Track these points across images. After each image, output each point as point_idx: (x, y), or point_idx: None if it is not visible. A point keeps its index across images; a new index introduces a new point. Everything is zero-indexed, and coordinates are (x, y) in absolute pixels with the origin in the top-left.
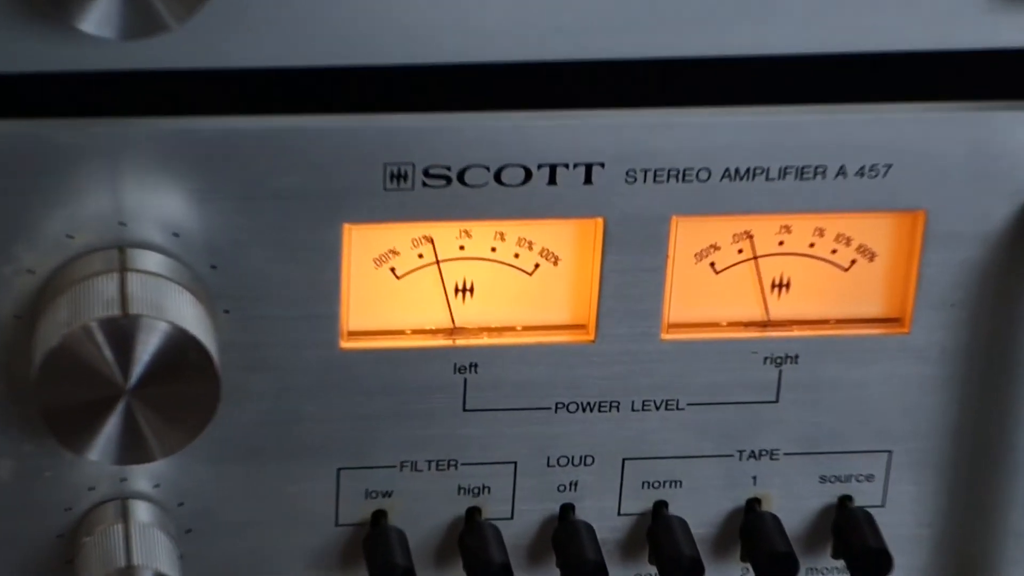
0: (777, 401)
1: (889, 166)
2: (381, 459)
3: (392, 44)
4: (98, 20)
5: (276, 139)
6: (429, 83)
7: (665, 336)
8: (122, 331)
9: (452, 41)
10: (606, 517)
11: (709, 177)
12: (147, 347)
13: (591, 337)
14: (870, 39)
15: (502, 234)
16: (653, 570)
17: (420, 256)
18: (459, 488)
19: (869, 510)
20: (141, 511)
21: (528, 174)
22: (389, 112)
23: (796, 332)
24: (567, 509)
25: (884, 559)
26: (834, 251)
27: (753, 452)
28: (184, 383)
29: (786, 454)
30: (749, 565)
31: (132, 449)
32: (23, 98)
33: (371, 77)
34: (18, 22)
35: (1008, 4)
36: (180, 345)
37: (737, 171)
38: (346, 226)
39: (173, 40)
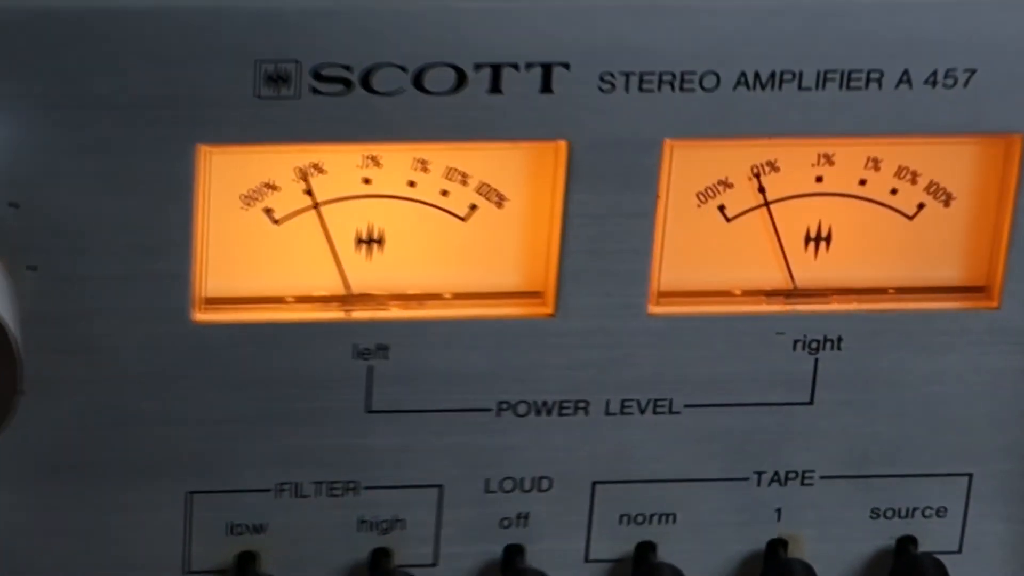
0: (811, 403)
1: (972, 72)
2: (250, 480)
3: None
4: None
5: (102, 24)
6: None
7: (654, 309)
8: None
9: None
10: (569, 564)
11: (717, 85)
12: None
13: (549, 310)
14: None
15: (424, 163)
16: None
17: (307, 193)
18: (361, 521)
19: (940, 557)
20: None
21: (461, 77)
22: None
23: (838, 305)
24: (514, 552)
25: None
26: (894, 191)
27: (777, 475)
28: None
29: (824, 477)
30: None
31: None
32: None
33: None
34: None
35: None
36: None
37: (757, 76)
38: (202, 148)
39: None
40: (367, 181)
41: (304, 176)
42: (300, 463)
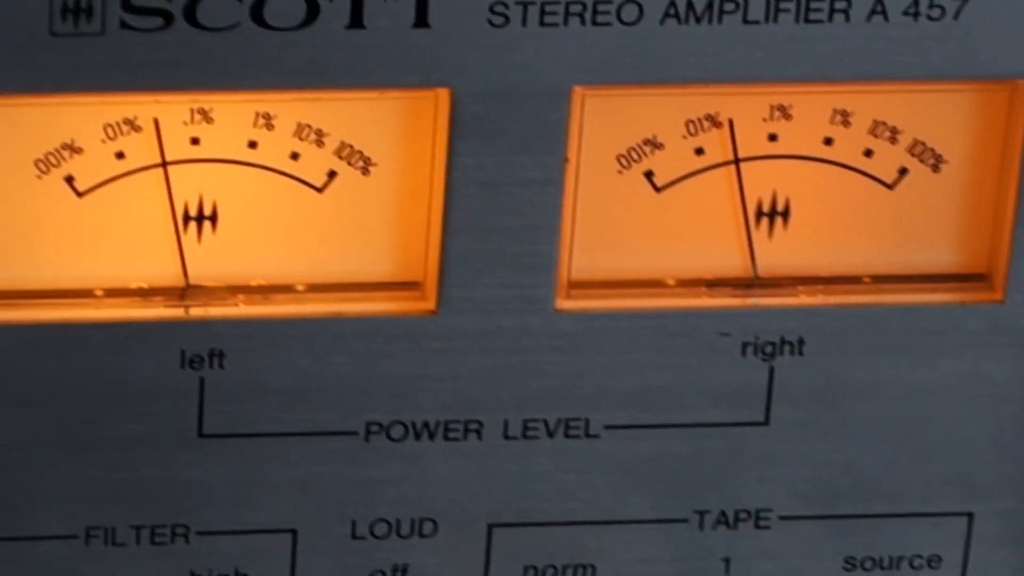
0: (766, 422)
1: (963, 2)
2: (51, 524)
3: None
4: None
5: None
6: None
7: (563, 304)
8: None
9: None
10: None
11: (640, 17)
12: None
13: (430, 305)
14: None
15: (268, 118)
16: None
17: (120, 156)
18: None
19: None
20: None
21: (313, 8)
22: None
23: (801, 299)
24: None
25: None
26: (868, 153)
27: (725, 515)
28: None
29: (783, 518)
30: None
31: None
32: None
33: None
34: None
35: None
36: None
37: (691, 6)
38: None
39: None
40: (195, 141)
41: (116, 134)
42: (115, 501)
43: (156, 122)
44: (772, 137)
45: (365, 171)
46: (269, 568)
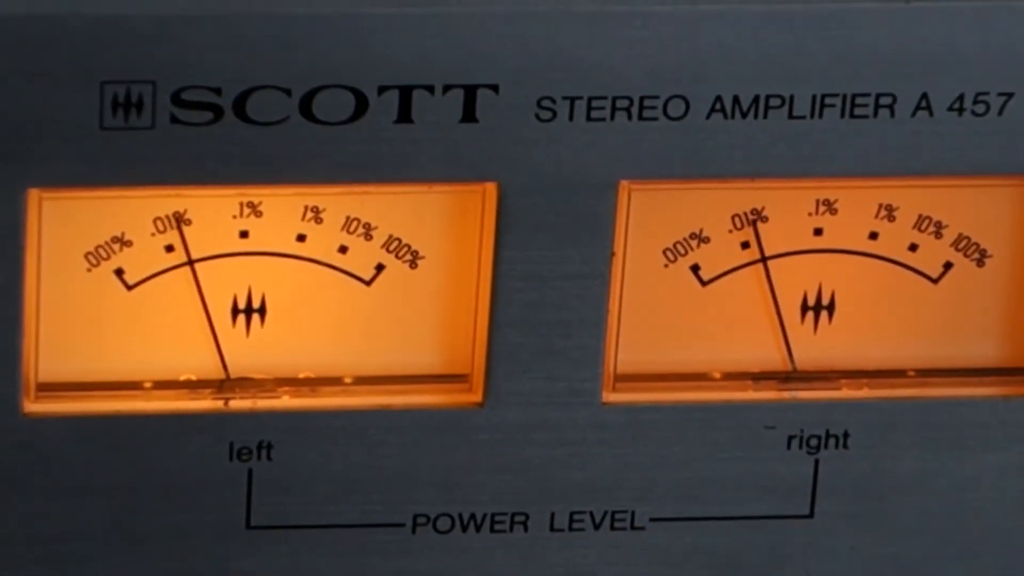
0: (811, 515)
1: (1008, 96)
2: None
3: None
4: None
5: None
6: None
7: (609, 397)
8: None
9: None
10: None
11: (686, 112)
12: None
13: (477, 397)
14: None
15: (317, 211)
16: None
17: (170, 249)
18: None
19: None
20: None
21: (362, 103)
22: None
23: (846, 392)
24: None
25: None
26: (913, 247)
27: None
28: None
29: None
30: None
31: None
32: None
33: None
34: None
35: None
36: None
37: (737, 101)
38: (33, 193)
39: None
40: (245, 235)
41: (165, 227)
42: None
43: (205, 216)
44: (818, 231)
45: (413, 264)
46: None
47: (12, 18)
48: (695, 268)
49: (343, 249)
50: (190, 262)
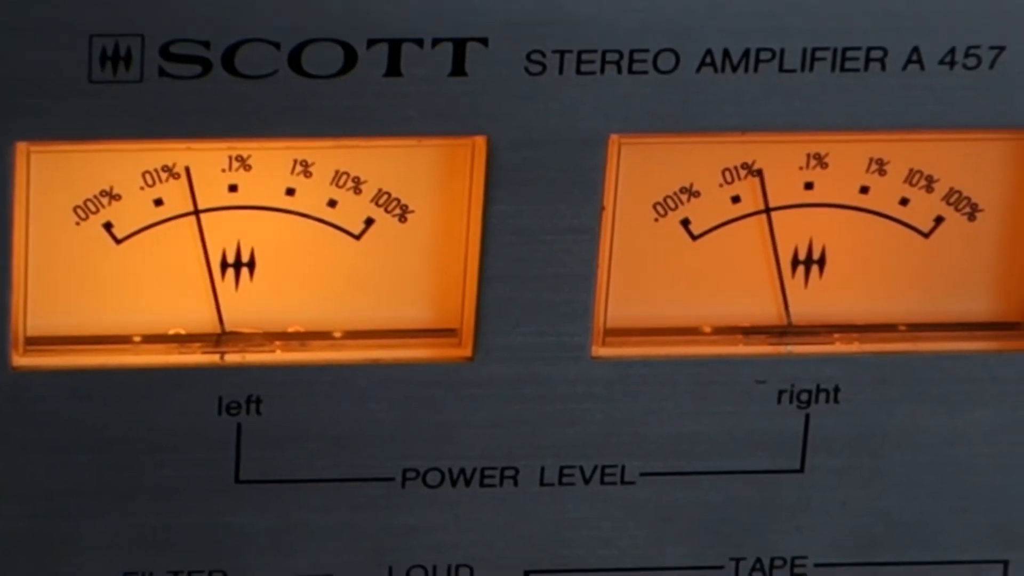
0: (802, 470)
1: (999, 49)
2: (89, 569)
3: None
4: None
5: None
6: None
7: (599, 351)
8: None
9: None
10: None
11: (676, 65)
12: None
13: (467, 352)
14: None
15: (306, 165)
16: None
17: (159, 203)
18: None
19: None
20: None
21: (351, 56)
22: None
23: (837, 346)
24: None
25: None
26: (904, 201)
27: (760, 562)
28: None
29: (819, 565)
30: None
31: None
32: None
33: None
34: None
35: None
36: None
37: (727, 55)
38: (20, 146)
39: None
40: (234, 188)
41: (154, 181)
42: (152, 547)
43: (194, 169)
44: (808, 185)
45: (402, 218)
46: None
47: None
48: (685, 222)
49: (332, 203)
50: (177, 216)
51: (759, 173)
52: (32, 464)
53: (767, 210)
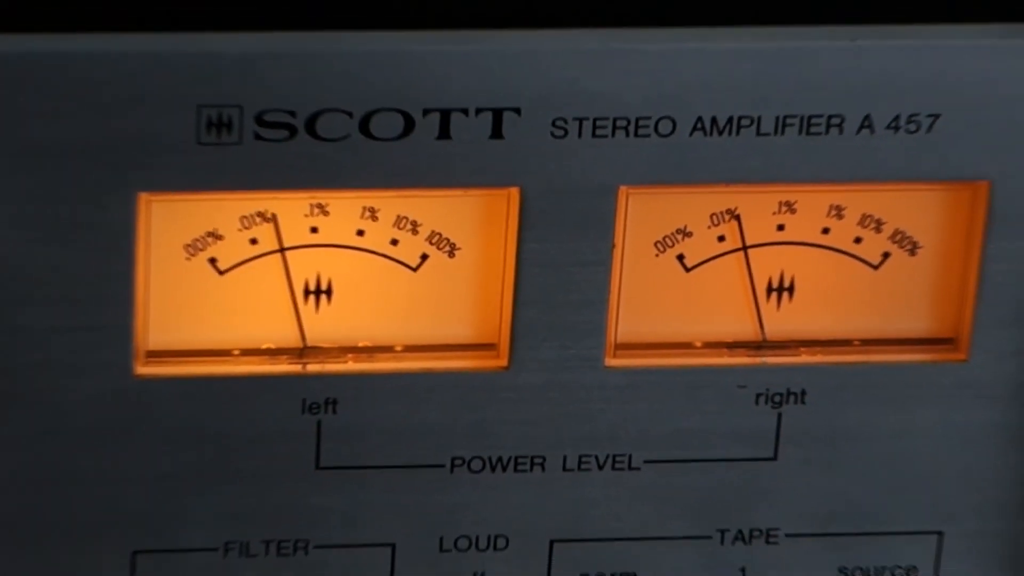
0: (775, 458)
1: (935, 117)
2: (196, 539)
3: None
4: None
5: (39, 67)
6: None
7: (611, 362)
8: None
9: None
10: None
11: (673, 130)
12: None
13: (503, 362)
14: None
15: (373, 211)
16: None
17: (253, 242)
18: None
19: None
20: None
21: (409, 123)
22: (205, 31)
23: (803, 358)
24: None
25: None
26: (858, 240)
27: (741, 533)
28: None
29: (789, 535)
30: None
31: None
32: None
33: None
34: None
35: None
36: None
37: (714, 122)
38: (143, 197)
39: None
40: (314, 230)
41: (250, 224)
42: (248, 521)
43: (282, 214)
44: (780, 227)
45: (451, 254)
46: (374, 574)
47: (128, 54)
48: (680, 257)
49: (394, 242)
50: (269, 253)
51: (739, 217)
52: (151, 454)
53: (744, 248)
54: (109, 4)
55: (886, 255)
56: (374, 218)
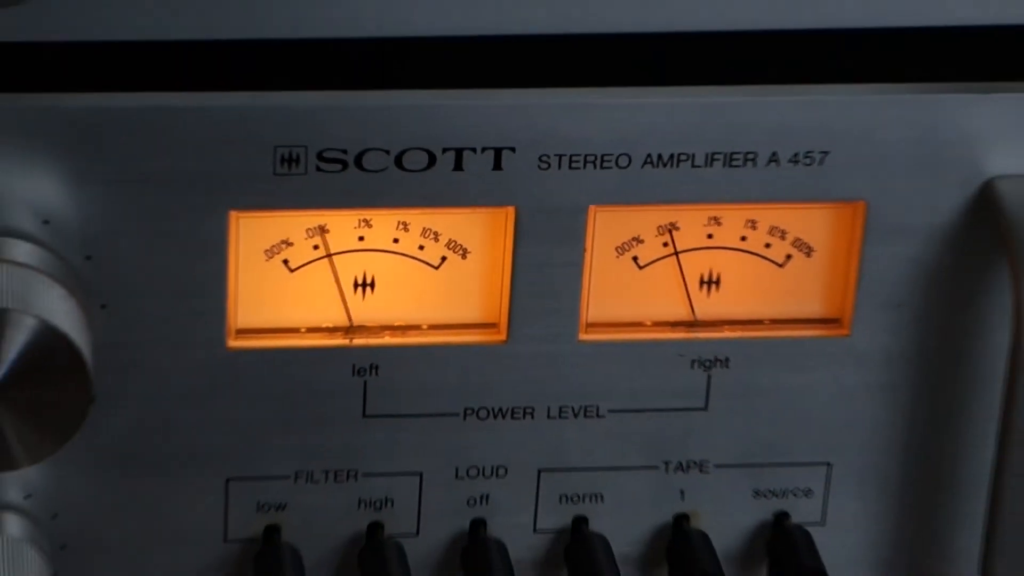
0: (706, 408)
1: (826, 153)
2: (274, 469)
3: (281, 16)
4: None
5: (154, 118)
6: (323, 59)
7: (583, 337)
8: None
9: (347, 14)
10: (520, 534)
11: (629, 164)
12: (12, 344)
13: (503, 337)
14: (804, 14)
15: (405, 224)
16: None
17: (315, 247)
18: (359, 501)
19: (807, 528)
20: (11, 524)
21: (432, 159)
22: (279, 90)
23: (726, 333)
24: (478, 525)
25: None
26: (767, 245)
27: (681, 464)
28: (53, 385)
29: (717, 466)
30: None
31: None
32: None
33: (259, 51)
34: None
35: None
36: (49, 343)
37: (660, 157)
38: (233, 214)
39: (38, 8)
40: (361, 238)
41: (312, 234)
42: (312, 456)
43: (337, 226)
44: (709, 236)
45: (464, 256)
46: (406, 495)
47: (224, 108)
48: (635, 258)
49: (421, 247)
50: (329, 255)
51: (678, 228)
52: (239, 406)
53: (678, 252)
54: (210, 70)
55: (789, 256)
56: (406, 229)
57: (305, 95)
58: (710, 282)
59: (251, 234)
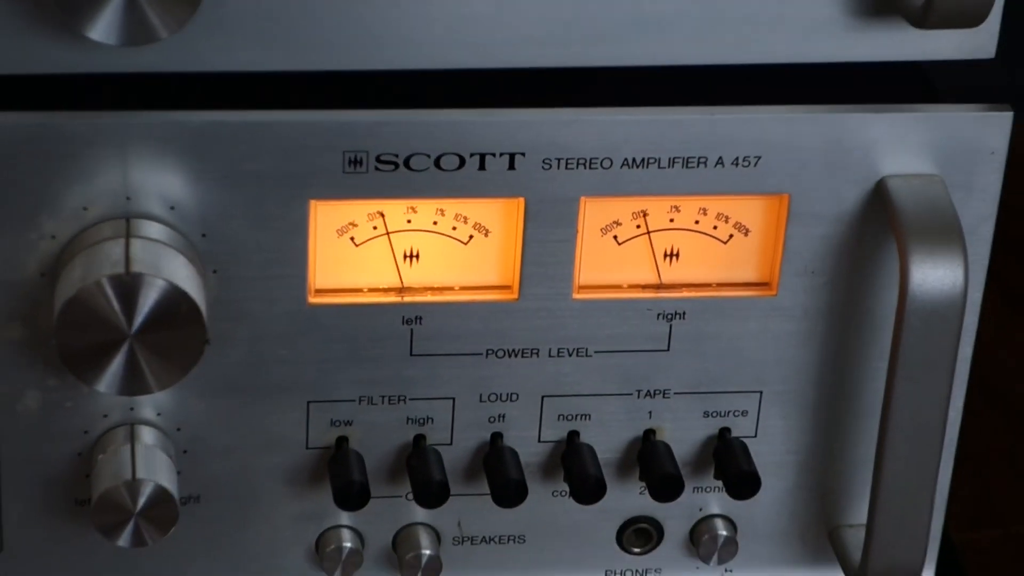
0: (668, 350)
1: (759, 158)
2: (343, 394)
3: (351, 53)
4: (104, 30)
5: (253, 130)
6: (381, 86)
7: (576, 296)
8: (126, 287)
9: (400, 51)
10: (528, 444)
11: (611, 165)
12: (147, 300)
13: (515, 296)
14: (745, 52)
15: (442, 210)
16: (567, 488)
17: (375, 228)
18: (407, 419)
19: (744, 440)
20: (146, 434)
21: (462, 161)
22: (347, 108)
23: (685, 293)
24: (496, 437)
25: (754, 480)
26: (715, 227)
27: (649, 392)
28: (177, 330)
29: (676, 393)
30: (645, 484)
31: (134, 383)
32: (46, 95)
33: (332, 80)
34: (41, 32)
35: (859, 25)
36: (174, 299)
37: (634, 160)
38: (312, 202)
39: (165, 47)
40: (409, 221)
41: (372, 218)
42: (371, 385)
43: (391, 212)
44: (671, 220)
45: (486, 235)
46: (442, 415)
47: (305, 123)
48: (615, 237)
49: (454, 228)
50: (386, 234)
51: (648, 214)
52: (317, 348)
53: (648, 232)
54: (295, 93)
55: (731, 236)
56: (442, 214)
57: (367, 112)
58: (672, 255)
59: (326, 218)
